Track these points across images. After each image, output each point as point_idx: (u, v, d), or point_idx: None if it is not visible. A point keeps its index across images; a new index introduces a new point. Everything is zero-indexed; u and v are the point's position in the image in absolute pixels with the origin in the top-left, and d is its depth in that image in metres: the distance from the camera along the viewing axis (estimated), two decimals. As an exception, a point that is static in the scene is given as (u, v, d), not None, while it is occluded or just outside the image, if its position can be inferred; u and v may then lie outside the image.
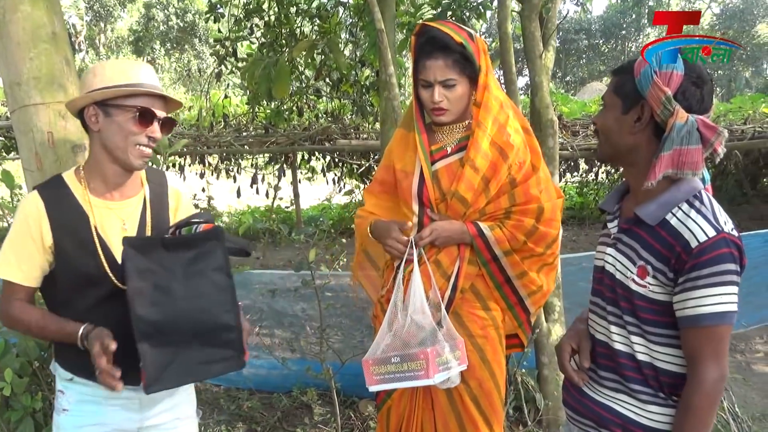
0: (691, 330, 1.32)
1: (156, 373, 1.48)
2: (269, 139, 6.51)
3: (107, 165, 1.62)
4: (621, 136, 1.45)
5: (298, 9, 5.64)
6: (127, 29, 31.23)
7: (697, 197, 1.38)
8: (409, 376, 1.74)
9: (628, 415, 1.44)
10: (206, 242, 1.56)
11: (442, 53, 1.85)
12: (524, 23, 3.12)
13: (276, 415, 3.27)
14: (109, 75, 1.57)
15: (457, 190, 1.90)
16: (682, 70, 1.37)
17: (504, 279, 1.97)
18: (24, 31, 2.16)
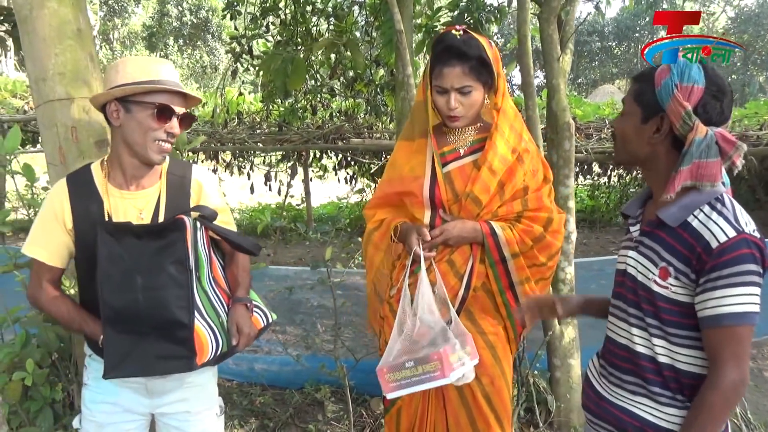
0: (712, 330, 1.33)
1: (115, 360, 1.53)
2: (283, 136, 6.54)
3: (126, 158, 1.66)
4: (639, 145, 1.46)
5: (314, 8, 5.67)
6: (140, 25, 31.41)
7: (719, 200, 1.38)
8: (425, 378, 1.75)
9: (647, 417, 1.44)
10: (170, 233, 1.58)
11: (459, 61, 1.86)
12: (542, 26, 3.12)
13: (288, 411, 3.29)
14: (131, 71, 1.61)
15: (471, 191, 1.92)
16: (703, 83, 1.37)
17: (508, 284, 1.99)
18: (50, 28, 2.19)
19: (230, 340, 1.67)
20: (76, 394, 2.41)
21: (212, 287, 1.71)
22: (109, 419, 1.71)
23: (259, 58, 6.05)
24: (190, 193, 1.76)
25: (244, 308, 1.75)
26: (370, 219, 2.16)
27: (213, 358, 1.61)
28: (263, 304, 1.88)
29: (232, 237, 1.73)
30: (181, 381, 1.72)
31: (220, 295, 1.74)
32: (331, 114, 7.16)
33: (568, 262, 3.19)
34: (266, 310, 1.86)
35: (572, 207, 3.17)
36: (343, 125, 6.66)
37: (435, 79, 1.92)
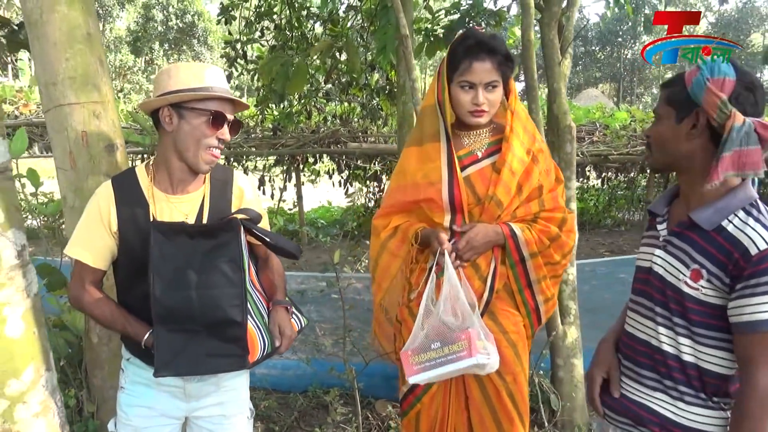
0: (747, 336, 1.34)
1: (167, 358, 1.54)
2: (278, 141, 6.53)
3: (175, 163, 1.67)
4: (677, 144, 1.47)
5: (309, 12, 5.68)
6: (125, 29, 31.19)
7: (754, 205, 1.40)
8: (451, 358, 1.75)
9: (667, 414, 1.47)
10: (224, 233, 1.61)
11: (489, 55, 1.88)
12: (543, 31, 3.17)
13: (293, 415, 3.29)
14: (183, 77, 1.62)
15: (495, 194, 1.93)
16: (733, 76, 1.39)
17: (526, 282, 2.02)
18: (60, 32, 2.19)
19: (273, 341, 1.68)
20: (86, 400, 2.40)
21: (252, 289, 1.72)
22: (145, 423, 1.71)
23: (254, 62, 6.04)
24: (231, 198, 1.77)
25: (285, 311, 1.78)
26: (382, 228, 2.13)
27: (261, 357, 1.63)
28: (296, 308, 1.90)
29: (275, 240, 1.75)
30: (217, 385, 1.73)
31: (260, 298, 1.75)
32: (326, 118, 7.17)
33: (570, 264, 3.23)
34: (300, 315, 1.88)
35: (574, 208, 3.20)
36: (338, 129, 6.67)
37: (461, 75, 1.91)
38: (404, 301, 2.07)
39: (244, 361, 1.57)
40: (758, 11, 36.18)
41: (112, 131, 2.32)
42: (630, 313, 1.63)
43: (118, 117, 2.43)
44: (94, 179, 2.25)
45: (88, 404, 2.36)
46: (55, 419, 0.87)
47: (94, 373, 2.39)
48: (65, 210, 2.32)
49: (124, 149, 2.43)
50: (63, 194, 2.32)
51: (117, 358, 2.09)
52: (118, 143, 2.34)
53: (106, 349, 2.35)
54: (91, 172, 2.26)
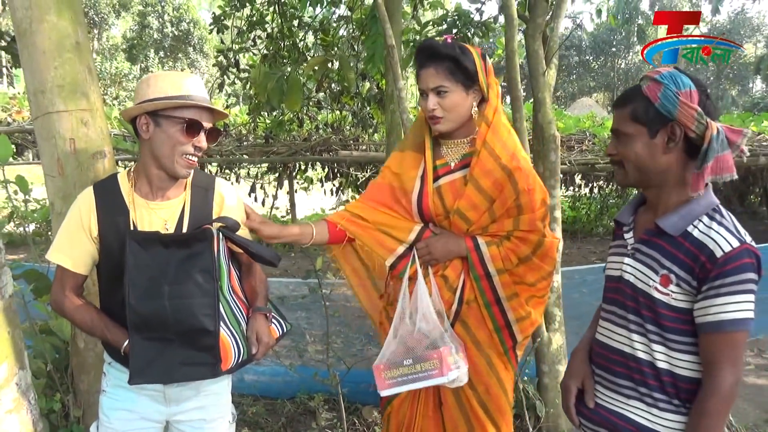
0: (712, 335, 1.38)
1: (141, 365, 1.56)
2: (270, 148, 6.58)
3: (153, 170, 1.70)
4: (654, 160, 1.48)
5: (300, 22, 5.74)
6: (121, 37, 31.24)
7: (716, 210, 1.45)
8: (423, 376, 1.79)
9: (642, 422, 1.49)
10: (197, 243, 1.63)
11: (432, 61, 1.87)
12: (528, 42, 3.22)
13: (280, 421, 3.31)
14: (162, 86, 1.65)
15: (458, 208, 1.91)
16: (694, 86, 1.43)
17: (494, 299, 1.97)
18: (50, 41, 2.22)
19: (250, 348, 1.70)
20: (72, 405, 2.42)
21: (232, 297, 1.74)
22: (125, 426, 1.72)
23: (246, 71, 6.09)
24: (212, 205, 1.79)
25: (264, 318, 1.79)
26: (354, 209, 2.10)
27: (235, 365, 1.65)
28: (279, 314, 1.92)
29: (253, 248, 1.76)
30: (197, 389, 1.75)
31: (239, 305, 1.77)
32: (317, 126, 7.22)
33: (555, 271, 3.26)
34: (282, 321, 1.90)
35: (558, 217, 3.25)
36: (329, 137, 6.72)
37: (418, 84, 1.94)
38: (380, 307, 2.12)
39: (216, 369, 1.59)
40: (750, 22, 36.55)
41: (101, 138, 2.35)
42: (602, 322, 1.66)
43: (106, 124, 2.47)
44: (82, 186, 2.25)
45: (74, 409, 2.38)
46: (28, 416, 0.90)
47: (81, 378, 2.41)
48: (53, 216, 2.35)
49: (113, 156, 2.45)
50: (51, 201, 2.35)
51: (103, 363, 2.12)
52: (106, 150, 2.37)
53: (93, 354, 2.37)
54: (79, 179, 2.28)
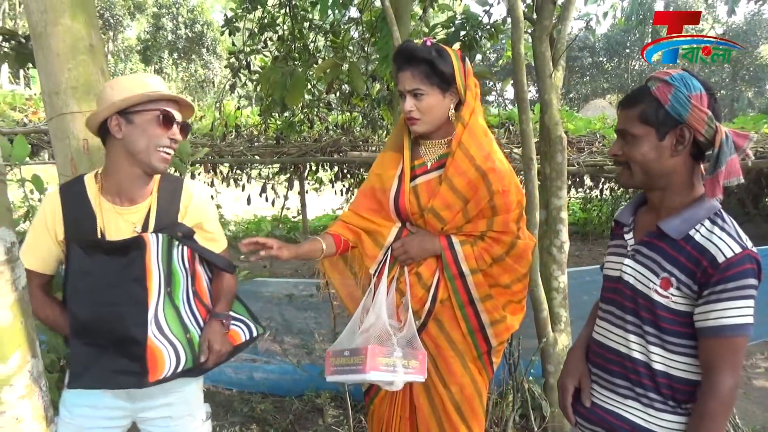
0: (712, 340, 1.39)
1: (78, 370, 1.58)
2: (281, 149, 6.64)
3: (126, 170, 1.70)
4: (660, 163, 1.48)
5: (311, 24, 5.79)
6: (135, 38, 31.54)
7: (718, 215, 1.45)
8: (352, 369, 1.79)
9: (638, 421, 1.51)
10: (132, 251, 1.62)
11: (409, 65, 1.89)
12: (535, 44, 3.24)
13: (288, 418, 3.36)
14: (126, 86, 1.67)
15: (432, 207, 1.94)
16: (703, 89, 1.44)
17: (468, 299, 1.98)
18: (64, 43, 2.27)
19: (197, 357, 1.69)
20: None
21: (188, 303, 1.74)
22: (88, 423, 1.72)
23: (257, 73, 6.15)
24: (179, 207, 1.80)
25: (219, 324, 1.78)
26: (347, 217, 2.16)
27: (171, 374, 1.63)
28: (249, 318, 1.92)
29: (206, 254, 1.79)
30: (162, 387, 1.71)
31: (197, 311, 1.77)
32: (328, 127, 7.27)
33: (561, 271, 3.28)
34: (251, 324, 1.90)
35: (565, 217, 3.26)
36: (340, 138, 6.77)
37: (396, 87, 1.97)
38: None
39: (142, 380, 1.57)
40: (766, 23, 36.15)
41: (113, 139, 2.40)
42: (600, 322, 1.67)
43: (118, 125, 2.52)
44: (95, 185, 2.33)
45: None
46: (39, 401, 0.94)
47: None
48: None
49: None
50: (64, 199, 2.40)
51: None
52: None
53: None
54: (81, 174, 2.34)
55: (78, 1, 2.29)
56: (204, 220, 1.83)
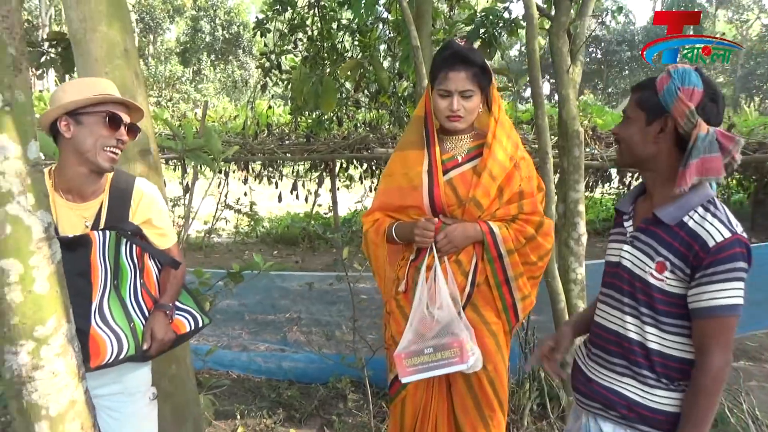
0: (704, 320, 1.47)
1: None
2: (310, 147, 6.81)
3: (75, 169, 1.77)
4: (643, 146, 1.59)
5: (339, 24, 5.93)
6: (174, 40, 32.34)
7: (711, 202, 1.52)
8: (443, 363, 1.93)
9: (634, 397, 1.58)
10: (79, 247, 1.73)
11: (464, 66, 2.02)
12: (552, 40, 3.30)
13: (313, 404, 3.50)
14: (77, 89, 1.78)
15: (474, 196, 2.06)
16: (701, 86, 1.50)
17: (504, 278, 2.12)
18: (101, 49, 2.44)
19: (139, 344, 1.82)
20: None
21: (134, 295, 1.88)
22: None
23: (288, 72, 6.33)
24: (130, 203, 1.89)
25: (163, 315, 1.90)
26: (367, 223, 2.29)
27: (114, 360, 1.76)
28: (196, 309, 2.05)
29: (150, 251, 1.92)
30: (117, 369, 1.84)
31: (144, 302, 1.91)
32: (356, 125, 7.41)
33: (579, 264, 3.33)
34: (198, 315, 2.03)
35: (582, 210, 3.31)
36: (367, 135, 6.90)
37: (440, 84, 2.07)
38: (392, 294, 2.22)
39: (85, 365, 1.62)
40: (816, 11, 34.82)
41: (146, 137, 2.56)
42: (600, 305, 1.75)
43: (151, 124, 2.69)
44: (130, 180, 2.50)
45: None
46: (72, 360, 1.08)
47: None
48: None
49: (158, 153, 2.67)
50: (102, 194, 2.58)
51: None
52: (152, 148, 2.58)
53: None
54: (126, 174, 2.51)
55: (113, 10, 2.45)
56: (153, 216, 1.94)
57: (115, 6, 2.47)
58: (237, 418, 3.39)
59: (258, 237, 10.07)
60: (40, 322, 1.03)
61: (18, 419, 1.03)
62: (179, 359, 2.68)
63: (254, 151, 7.05)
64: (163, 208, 2.01)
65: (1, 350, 1.03)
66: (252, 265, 2.96)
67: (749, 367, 4.54)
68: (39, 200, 1.04)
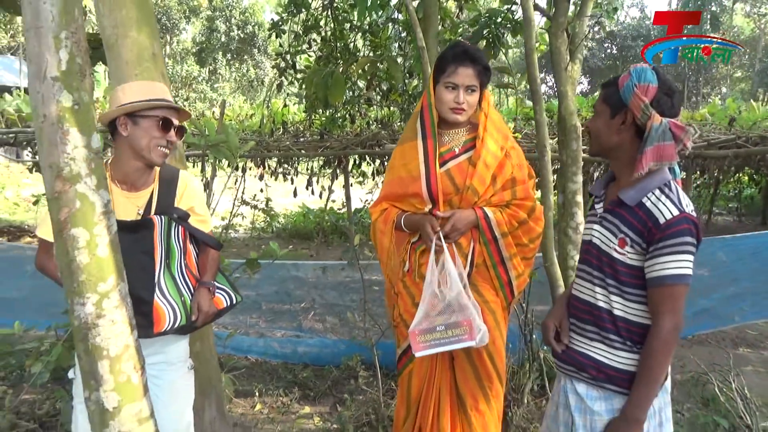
0: (656, 288, 1.68)
1: None
2: (324, 144, 7.05)
3: (131, 162, 2.01)
4: (609, 136, 1.81)
5: (351, 25, 6.15)
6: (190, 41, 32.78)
7: (667, 185, 1.73)
8: (454, 340, 2.13)
9: (601, 359, 1.79)
10: (143, 229, 1.98)
11: (473, 63, 2.25)
12: (551, 39, 3.49)
13: (326, 383, 3.73)
14: (135, 91, 2.01)
15: (472, 184, 2.26)
16: (656, 83, 1.71)
17: (499, 259, 2.32)
18: (132, 53, 2.66)
19: (189, 316, 2.05)
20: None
21: (181, 272, 2.10)
22: None
23: (302, 72, 6.56)
24: (176, 193, 2.12)
25: (207, 291, 2.14)
26: (375, 213, 2.50)
27: (170, 328, 1.99)
28: (230, 288, 2.28)
29: (197, 233, 2.15)
30: (162, 340, 2.06)
31: (188, 279, 2.13)
32: (368, 122, 7.63)
33: (576, 251, 3.51)
34: (231, 293, 2.26)
35: (580, 201, 3.50)
36: (379, 132, 7.12)
37: (448, 77, 2.26)
38: (399, 276, 2.42)
39: (149, 331, 1.92)
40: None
41: (172, 133, 2.81)
42: (576, 280, 1.96)
43: (177, 122, 2.93)
44: (157, 173, 2.74)
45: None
46: (126, 312, 1.31)
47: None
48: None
49: (183, 149, 2.91)
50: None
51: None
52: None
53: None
54: (154, 167, 2.74)
55: (142, 17, 2.69)
56: (196, 204, 2.17)
57: (144, 13, 2.70)
58: (255, 396, 3.63)
59: (274, 232, 10.35)
60: (102, 280, 1.26)
61: (84, 358, 1.26)
62: (203, 338, 2.92)
63: (270, 148, 7.31)
64: (203, 197, 2.26)
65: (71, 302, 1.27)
66: (269, 252, 3.19)
67: (747, 354, 4.70)
68: (100, 181, 1.27)
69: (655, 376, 1.69)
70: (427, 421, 2.37)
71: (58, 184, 1.19)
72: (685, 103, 40.40)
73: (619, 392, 1.77)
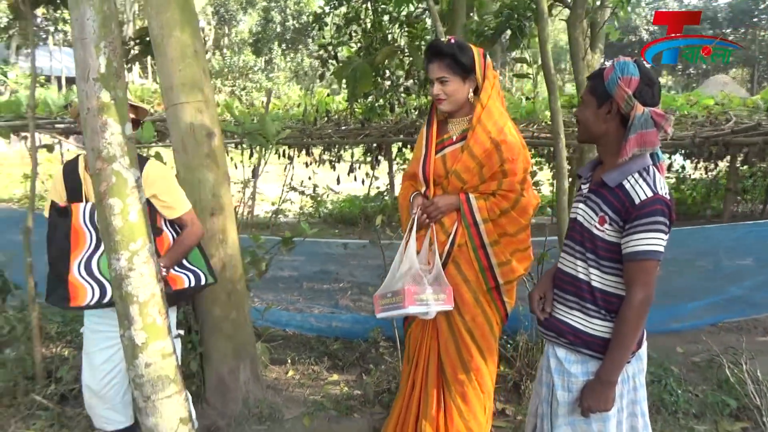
0: (629, 263, 1.85)
1: (47, 292, 2.29)
2: (364, 131, 7.32)
3: None
4: (596, 125, 1.97)
5: (390, 17, 6.37)
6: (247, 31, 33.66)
7: (645, 170, 1.89)
8: (395, 306, 2.32)
9: (578, 327, 1.99)
10: (64, 215, 2.26)
11: (436, 57, 2.42)
12: (570, 30, 3.61)
13: (355, 355, 4.02)
14: None
15: (456, 169, 2.44)
16: (638, 75, 1.87)
17: (480, 243, 2.45)
18: (175, 50, 2.96)
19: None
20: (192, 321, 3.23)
21: None
22: (90, 347, 2.41)
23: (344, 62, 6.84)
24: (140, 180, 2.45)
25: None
26: (401, 189, 2.78)
27: (94, 304, 2.21)
28: (204, 269, 2.52)
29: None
30: None
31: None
32: (407, 111, 7.85)
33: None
34: (202, 273, 2.50)
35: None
36: (416, 120, 7.34)
37: (428, 73, 2.50)
38: None
39: (66, 303, 2.20)
40: None
41: (211, 123, 3.09)
42: (562, 254, 2.14)
43: (216, 112, 3.22)
44: (198, 159, 3.04)
45: (193, 322, 3.20)
46: (154, 267, 1.62)
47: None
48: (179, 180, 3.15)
49: (221, 136, 3.21)
50: (177, 169, 3.14)
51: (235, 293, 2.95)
52: (215, 132, 3.11)
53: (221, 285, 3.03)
54: (195, 153, 3.04)
55: (186, 18, 2.99)
56: (158, 192, 2.39)
57: (187, 14, 3.00)
58: (288, 364, 3.96)
59: (320, 217, 10.72)
60: (133, 240, 1.57)
61: (119, 303, 1.59)
62: (239, 307, 3.24)
63: (314, 137, 7.64)
64: (168, 185, 2.48)
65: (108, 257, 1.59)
66: (299, 231, 3.49)
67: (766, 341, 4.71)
68: (132, 161, 1.58)
69: (627, 343, 1.88)
70: (418, 377, 2.63)
71: (98, 163, 1.50)
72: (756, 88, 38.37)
73: (594, 356, 1.97)
